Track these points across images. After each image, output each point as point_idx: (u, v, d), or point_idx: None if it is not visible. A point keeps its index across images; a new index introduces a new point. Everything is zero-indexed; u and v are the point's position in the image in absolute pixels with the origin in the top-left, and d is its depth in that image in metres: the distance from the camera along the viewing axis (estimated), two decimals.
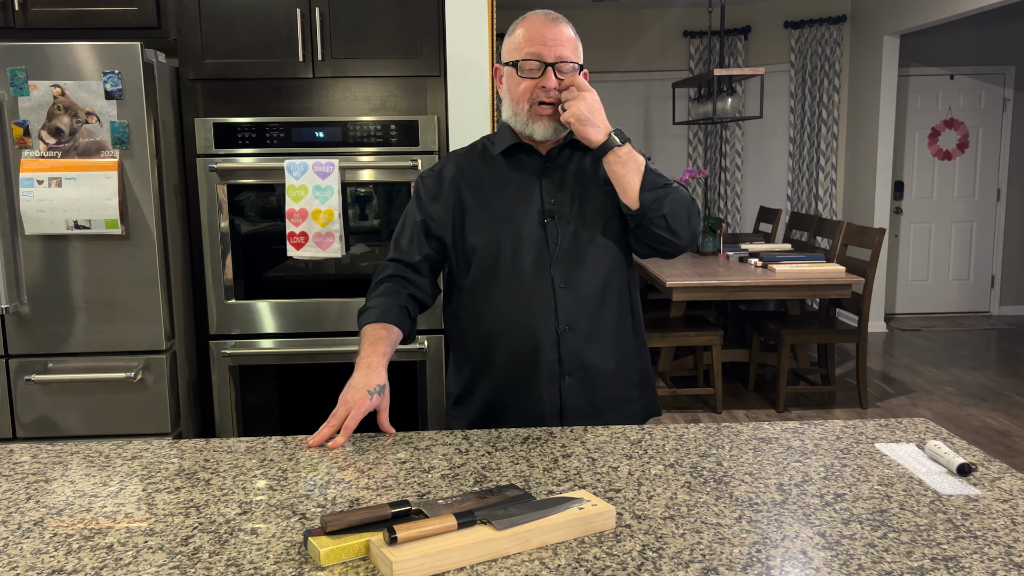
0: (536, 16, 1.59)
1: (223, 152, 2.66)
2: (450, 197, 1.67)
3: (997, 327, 6.67)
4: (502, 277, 1.62)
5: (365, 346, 1.54)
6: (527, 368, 1.63)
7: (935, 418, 4.42)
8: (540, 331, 1.61)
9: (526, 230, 1.62)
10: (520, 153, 1.67)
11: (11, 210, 2.49)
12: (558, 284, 1.61)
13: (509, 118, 1.63)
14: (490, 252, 1.62)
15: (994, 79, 6.85)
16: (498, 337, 1.64)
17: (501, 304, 1.63)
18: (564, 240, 1.62)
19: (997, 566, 0.97)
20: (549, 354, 1.62)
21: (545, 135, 1.61)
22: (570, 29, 1.60)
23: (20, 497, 1.22)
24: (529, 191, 1.64)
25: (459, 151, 1.74)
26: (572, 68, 1.58)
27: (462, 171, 1.68)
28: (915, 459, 1.32)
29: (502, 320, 1.63)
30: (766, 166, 7.26)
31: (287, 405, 2.82)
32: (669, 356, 4.87)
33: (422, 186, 1.71)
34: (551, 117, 1.59)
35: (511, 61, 1.59)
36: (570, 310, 1.61)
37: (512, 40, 1.60)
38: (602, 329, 1.65)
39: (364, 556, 1.00)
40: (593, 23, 7.10)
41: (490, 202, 1.65)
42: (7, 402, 2.55)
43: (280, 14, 2.65)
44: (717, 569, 0.97)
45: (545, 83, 1.56)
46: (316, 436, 1.42)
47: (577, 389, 1.64)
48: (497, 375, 1.66)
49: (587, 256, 1.63)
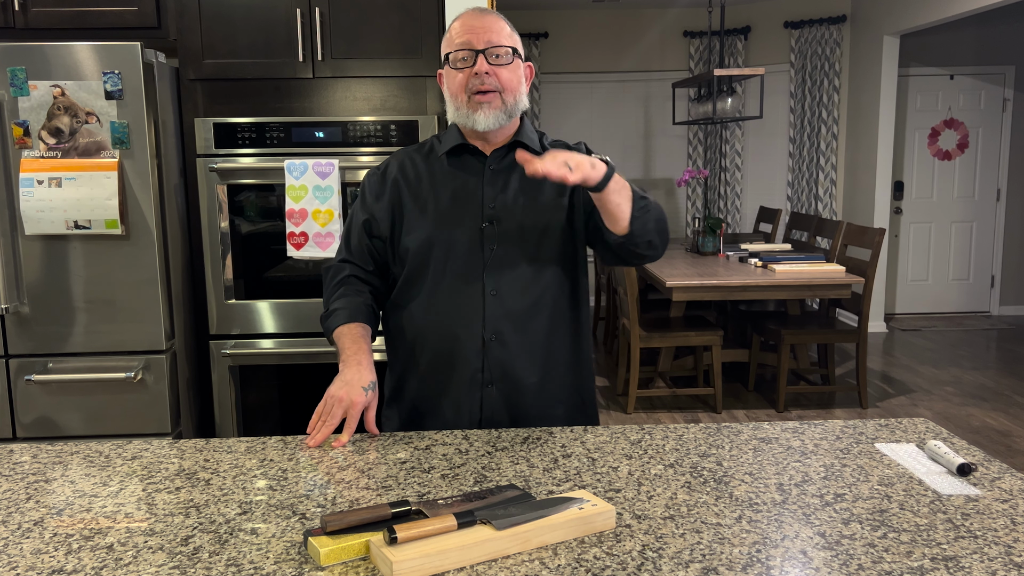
0: (466, 12, 1.58)
1: (223, 152, 2.66)
2: (391, 195, 1.63)
3: (997, 327, 6.67)
4: (432, 279, 1.58)
5: (347, 344, 1.52)
6: (449, 373, 1.59)
7: (935, 418, 4.42)
8: (465, 337, 1.57)
9: (462, 233, 1.58)
10: (465, 153, 1.62)
11: (11, 210, 2.49)
12: (488, 291, 1.57)
13: (453, 115, 1.59)
14: (422, 253, 1.58)
15: (994, 79, 6.85)
16: (424, 340, 1.60)
17: (429, 307, 1.59)
18: (500, 247, 1.57)
19: (997, 566, 0.97)
20: (473, 361, 1.58)
21: (487, 124, 1.56)
22: (501, 20, 1.57)
23: (20, 497, 1.22)
24: (469, 193, 1.60)
25: (407, 148, 1.71)
26: (506, 51, 1.54)
27: (403, 169, 1.65)
28: (915, 459, 1.32)
29: (429, 323, 1.59)
30: (766, 166, 7.27)
31: (287, 405, 2.82)
32: (669, 356, 4.87)
33: (367, 184, 1.68)
34: (491, 105, 1.54)
35: (445, 54, 1.57)
36: (498, 319, 1.57)
37: (446, 38, 1.59)
38: (530, 341, 1.60)
39: (364, 556, 1.00)
40: (593, 23, 7.10)
41: (427, 202, 1.61)
42: (7, 402, 2.55)
43: (280, 14, 2.65)
44: (717, 569, 0.97)
45: (478, 69, 1.52)
46: (315, 436, 1.41)
47: (498, 399, 1.60)
48: (422, 378, 1.63)
49: (521, 265, 1.57)
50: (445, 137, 1.65)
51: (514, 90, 1.57)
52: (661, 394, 4.73)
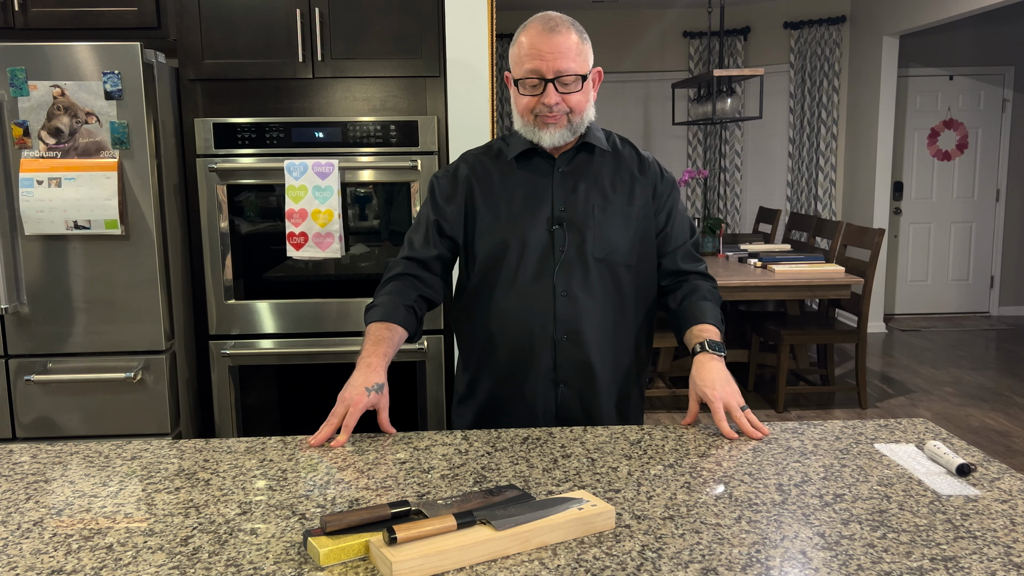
0: (535, 25, 1.55)
1: (223, 152, 2.66)
2: (463, 198, 1.67)
3: (996, 327, 6.67)
4: (505, 280, 1.62)
5: (367, 346, 1.54)
6: (524, 372, 1.64)
7: (934, 418, 4.42)
8: (537, 337, 1.61)
9: (533, 235, 1.61)
10: (535, 156, 1.66)
11: (11, 210, 2.49)
12: (559, 292, 1.61)
13: (519, 126, 1.62)
14: (496, 255, 1.63)
15: (993, 80, 6.85)
16: (499, 339, 1.64)
17: (503, 307, 1.63)
18: (570, 249, 1.61)
19: (996, 566, 0.98)
20: (545, 361, 1.62)
21: (552, 142, 1.60)
22: (572, 34, 1.55)
23: (20, 497, 1.22)
24: (540, 196, 1.63)
25: (474, 151, 1.74)
26: (574, 79, 1.55)
27: (475, 172, 1.68)
28: (914, 459, 1.32)
29: (503, 322, 1.63)
30: (765, 166, 7.27)
31: (287, 405, 2.82)
32: (669, 356, 4.87)
33: (437, 186, 1.71)
34: (557, 125, 1.57)
35: (514, 78, 1.58)
36: (569, 319, 1.61)
37: (514, 52, 1.58)
38: (600, 341, 1.63)
39: (364, 556, 1.00)
40: (593, 23, 7.10)
41: (500, 205, 1.64)
42: (7, 402, 2.55)
43: (280, 14, 2.65)
44: (716, 569, 0.97)
45: (546, 100, 1.54)
46: (317, 436, 1.42)
47: (572, 398, 1.65)
48: (497, 376, 1.67)
49: (591, 267, 1.62)
50: (512, 140, 1.67)
51: (582, 111, 1.59)
52: (661, 394, 4.73)
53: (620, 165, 1.68)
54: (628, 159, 1.69)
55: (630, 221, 1.64)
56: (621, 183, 1.65)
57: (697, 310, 1.64)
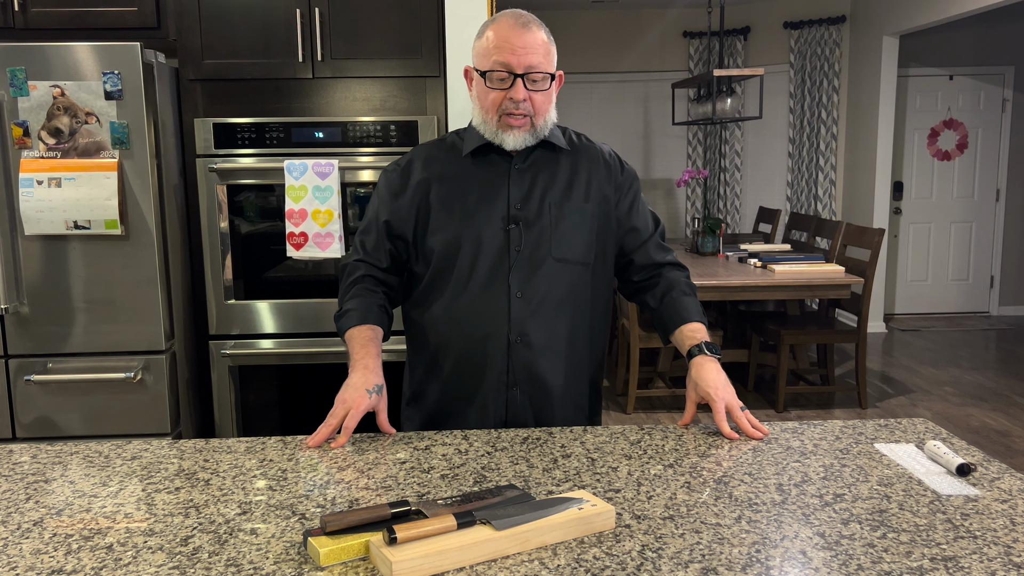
0: (506, 19, 1.52)
1: (223, 152, 2.66)
2: (415, 194, 1.60)
3: (996, 327, 6.67)
4: (458, 280, 1.57)
5: (356, 348, 1.52)
6: (475, 376, 1.59)
7: (934, 418, 4.42)
8: (491, 339, 1.56)
9: (488, 234, 1.56)
10: (491, 152, 1.60)
11: (11, 210, 2.49)
12: (514, 293, 1.56)
13: (479, 125, 1.57)
14: (449, 254, 1.57)
15: (993, 79, 6.85)
16: (449, 341, 1.59)
17: (454, 308, 1.57)
18: (525, 248, 1.56)
19: (996, 566, 0.98)
20: (498, 364, 1.57)
21: (515, 145, 1.56)
22: (542, 32, 1.53)
23: (20, 497, 1.22)
24: (495, 194, 1.58)
25: (427, 144, 1.68)
26: (543, 76, 1.52)
27: (428, 166, 1.62)
28: (914, 459, 1.32)
29: (454, 324, 1.58)
30: (765, 166, 7.27)
31: (287, 405, 2.82)
32: (669, 356, 4.87)
33: (386, 181, 1.65)
34: (521, 128, 1.54)
35: (480, 70, 1.54)
36: (523, 320, 1.56)
37: (481, 44, 1.53)
38: (555, 344, 1.59)
39: (364, 556, 1.00)
40: (593, 23, 7.10)
41: (453, 202, 1.58)
42: (7, 402, 2.55)
43: (280, 14, 2.65)
44: (716, 569, 0.97)
45: (514, 95, 1.50)
46: (315, 436, 1.41)
47: (523, 402, 1.60)
48: (446, 380, 1.62)
49: (547, 267, 1.57)
50: (468, 136, 1.62)
51: (545, 113, 1.56)
52: (660, 394, 4.73)
53: (578, 161, 1.63)
54: (586, 155, 1.65)
55: (587, 219, 1.60)
56: (578, 180, 1.61)
57: (681, 308, 1.62)
